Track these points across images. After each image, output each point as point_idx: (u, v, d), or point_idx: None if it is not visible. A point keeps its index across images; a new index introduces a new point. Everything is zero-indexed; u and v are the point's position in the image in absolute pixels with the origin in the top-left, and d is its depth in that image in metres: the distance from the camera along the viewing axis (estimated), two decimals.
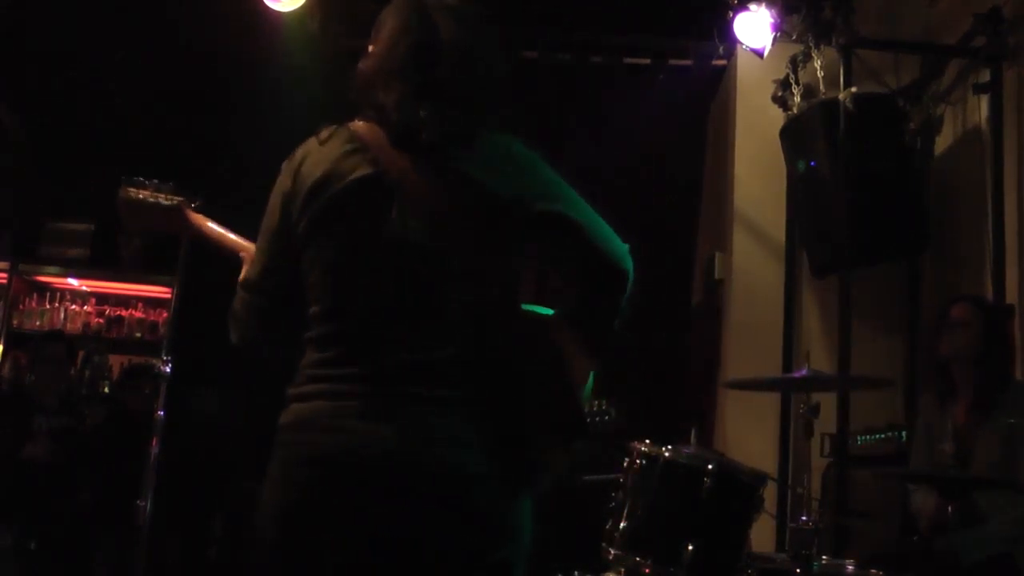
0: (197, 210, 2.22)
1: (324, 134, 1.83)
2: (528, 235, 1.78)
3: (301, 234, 1.77)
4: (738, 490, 2.82)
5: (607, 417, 3.48)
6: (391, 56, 1.84)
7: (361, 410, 1.66)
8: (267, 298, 1.86)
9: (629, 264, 1.80)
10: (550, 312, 1.83)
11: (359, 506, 1.64)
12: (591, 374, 1.83)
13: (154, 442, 2.52)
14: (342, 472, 1.65)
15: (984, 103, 4.18)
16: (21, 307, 6.28)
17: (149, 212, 2.20)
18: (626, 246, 1.81)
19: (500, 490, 1.69)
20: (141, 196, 2.21)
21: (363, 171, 1.74)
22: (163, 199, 2.20)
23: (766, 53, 4.54)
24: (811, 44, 4.45)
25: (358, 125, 1.82)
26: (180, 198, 2.21)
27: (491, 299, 1.75)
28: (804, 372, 3.16)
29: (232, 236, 2.18)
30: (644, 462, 2.84)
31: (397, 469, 1.64)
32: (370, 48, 1.91)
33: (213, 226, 2.20)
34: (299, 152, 1.85)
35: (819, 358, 4.20)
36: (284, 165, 1.86)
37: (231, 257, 2.13)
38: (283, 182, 1.83)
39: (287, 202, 1.80)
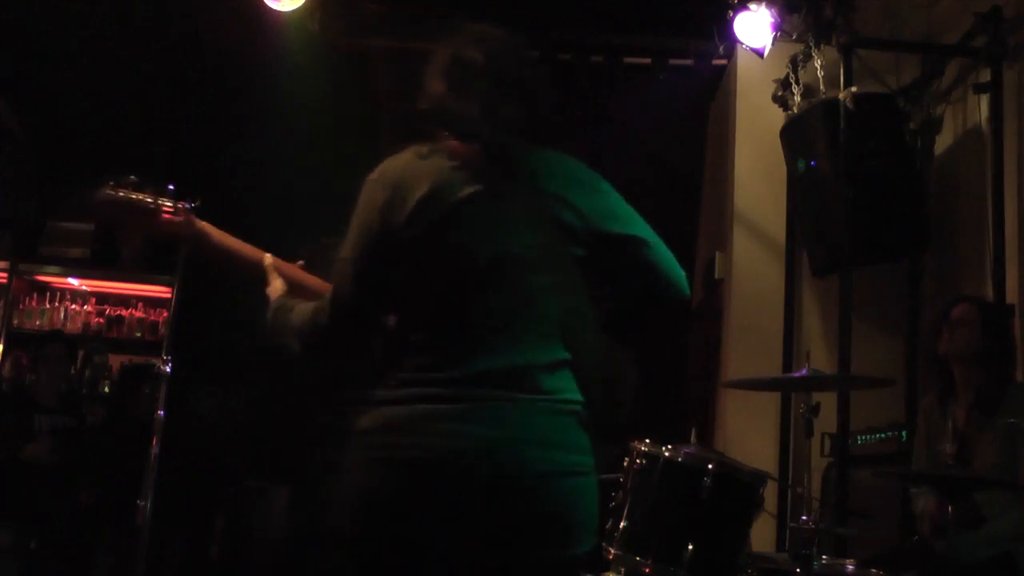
0: (194, 209, 2.21)
1: (424, 149, 1.87)
2: (600, 252, 1.87)
3: (404, 244, 1.79)
4: (738, 490, 2.82)
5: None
6: (463, 79, 1.91)
7: (461, 413, 1.71)
8: (360, 324, 1.88)
9: (688, 291, 1.94)
10: None
11: (460, 507, 1.68)
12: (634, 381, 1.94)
13: (154, 442, 2.52)
14: (443, 474, 1.68)
15: (984, 103, 4.18)
16: (21, 307, 6.28)
17: (131, 212, 2.18)
18: (683, 272, 1.93)
19: (594, 488, 1.78)
20: (131, 197, 2.18)
21: (472, 188, 1.80)
22: (147, 199, 2.17)
23: (766, 53, 4.54)
24: (811, 44, 4.45)
25: (452, 143, 1.88)
26: (178, 203, 2.19)
27: (578, 309, 1.84)
28: (804, 372, 3.15)
29: (243, 245, 2.20)
30: (644, 462, 2.84)
31: (498, 470, 1.69)
32: (426, 77, 1.97)
33: (221, 235, 2.21)
34: (393, 165, 1.87)
35: (819, 358, 4.20)
36: (377, 176, 1.86)
37: (236, 267, 2.16)
38: (377, 194, 1.83)
39: (386, 214, 1.81)
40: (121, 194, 2.17)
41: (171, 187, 2.20)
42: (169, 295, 5.93)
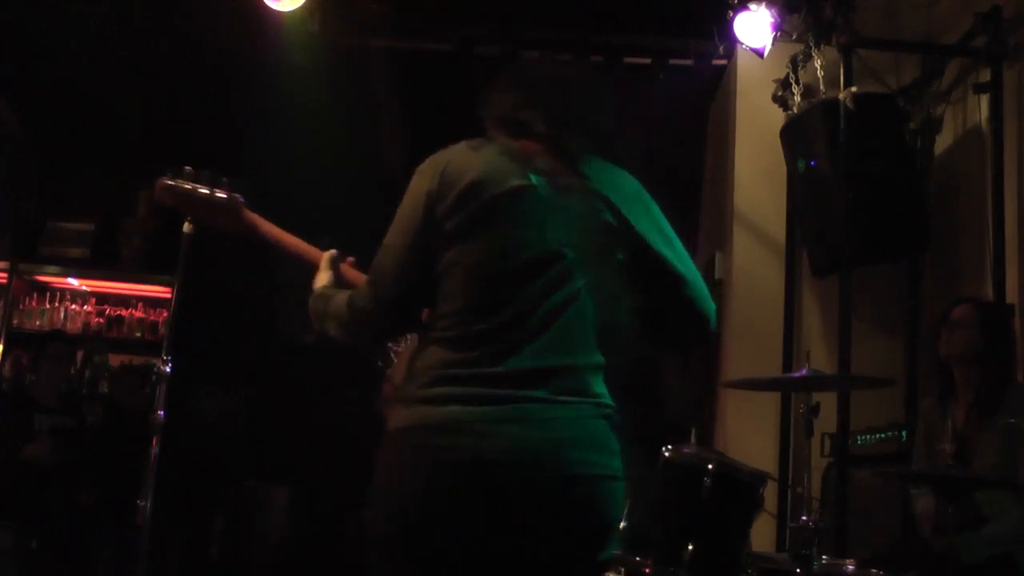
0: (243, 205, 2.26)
1: (475, 142, 1.89)
2: (637, 267, 1.88)
3: (448, 233, 1.79)
4: (738, 490, 2.83)
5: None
6: (531, 87, 1.97)
7: (501, 414, 1.70)
8: (400, 311, 1.87)
9: (715, 321, 1.94)
10: None
11: (499, 509, 1.68)
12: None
13: (154, 442, 2.51)
14: (484, 476, 1.68)
15: (984, 103, 4.18)
16: (21, 307, 6.29)
17: (198, 205, 2.24)
18: (714, 305, 1.95)
19: (623, 493, 1.80)
20: (188, 187, 2.24)
21: (519, 180, 1.81)
22: (218, 193, 2.24)
23: (766, 53, 4.53)
24: (811, 44, 4.45)
25: (506, 139, 1.90)
26: (233, 195, 2.25)
27: (616, 313, 1.85)
28: (804, 372, 3.15)
29: (291, 238, 2.24)
30: None
31: (539, 472, 1.69)
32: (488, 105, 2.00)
33: (271, 227, 2.26)
34: (443, 155, 1.87)
35: (819, 358, 4.20)
36: (425, 167, 1.87)
37: (290, 258, 2.21)
38: (424, 183, 1.84)
39: (432, 202, 1.81)
40: (187, 186, 2.24)
41: (225, 179, 2.26)
42: (169, 295, 5.93)
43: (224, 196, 2.25)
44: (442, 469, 1.68)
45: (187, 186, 2.25)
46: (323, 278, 2.11)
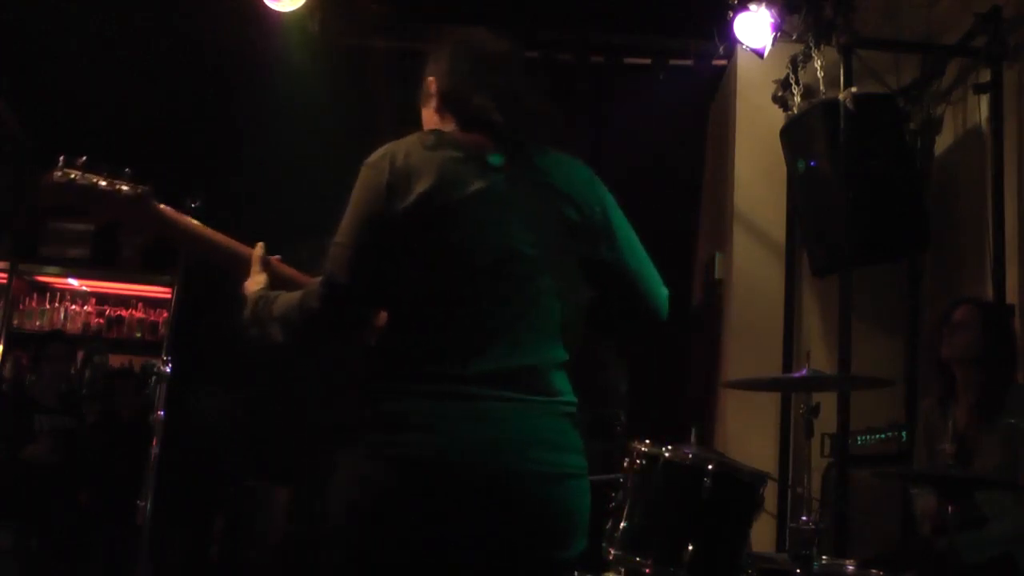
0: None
1: (429, 138, 1.84)
2: (592, 260, 1.88)
3: (407, 232, 1.75)
4: (738, 490, 2.82)
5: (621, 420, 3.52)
6: (475, 71, 1.92)
7: (465, 413, 1.70)
8: (357, 311, 1.81)
9: (666, 311, 1.95)
10: None
11: (461, 506, 1.68)
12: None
13: (154, 442, 2.52)
14: (447, 473, 1.67)
15: (984, 103, 4.18)
16: (21, 307, 6.29)
17: (98, 200, 1.98)
18: (666, 291, 1.95)
19: (587, 490, 1.80)
20: (85, 181, 1.97)
21: (477, 183, 1.78)
22: (121, 186, 1.98)
23: (766, 53, 4.53)
24: (811, 44, 4.45)
25: (459, 134, 1.86)
26: (139, 186, 2.00)
27: (574, 311, 1.84)
28: (804, 372, 3.15)
29: (215, 234, 2.07)
30: (644, 462, 2.84)
31: (502, 470, 1.69)
32: (434, 78, 1.98)
33: (191, 221, 2.06)
34: (397, 149, 1.81)
35: (819, 358, 4.20)
36: (378, 160, 1.80)
37: (210, 255, 2.05)
38: (380, 177, 1.77)
39: (392, 196, 1.75)
40: (73, 176, 1.97)
41: (127, 170, 2.02)
42: (169, 295, 5.94)
43: (128, 189, 2.00)
44: (400, 465, 1.68)
45: (83, 180, 1.97)
46: (259, 280, 2.00)
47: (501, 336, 1.75)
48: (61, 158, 1.99)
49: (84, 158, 1.99)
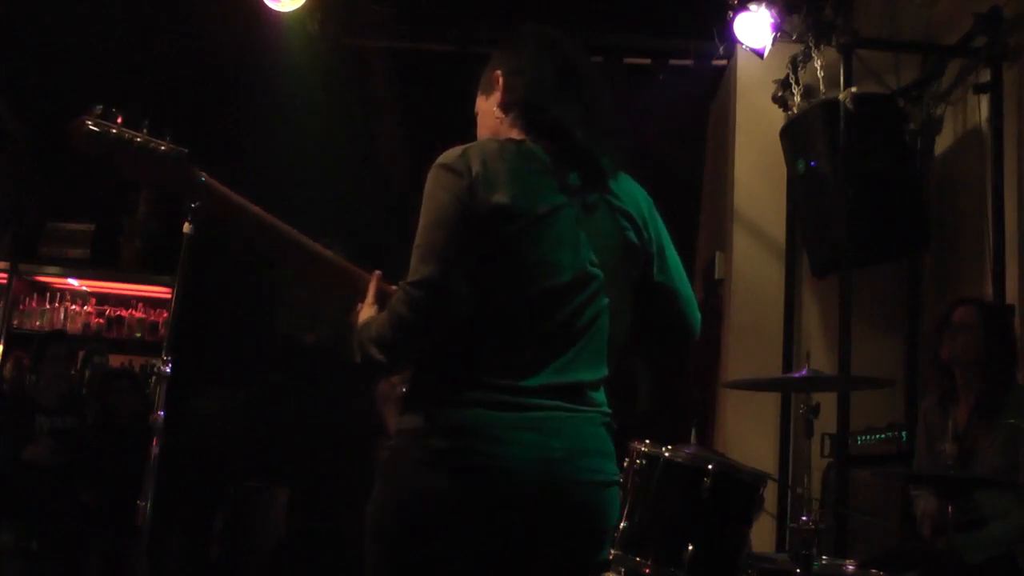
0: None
1: (509, 147, 1.82)
2: (643, 282, 1.93)
3: (481, 240, 1.73)
4: (738, 490, 2.82)
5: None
6: (559, 80, 1.90)
7: (525, 422, 1.72)
8: (449, 299, 1.73)
9: (699, 329, 2.02)
10: None
11: (515, 513, 1.71)
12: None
13: (154, 442, 2.50)
14: (502, 481, 1.70)
15: (984, 103, 4.18)
16: (21, 307, 6.29)
17: (135, 154, 1.88)
18: (699, 315, 2.02)
19: (618, 493, 1.87)
20: (122, 133, 1.86)
21: (552, 200, 1.79)
22: (158, 143, 1.89)
23: (766, 53, 4.53)
24: (811, 44, 4.45)
25: (534, 144, 1.84)
26: (175, 147, 1.93)
27: (622, 331, 1.89)
28: (804, 372, 3.15)
29: (260, 211, 2.02)
30: (644, 462, 2.84)
31: (556, 479, 1.73)
32: (505, 74, 1.94)
33: (227, 191, 2.00)
34: (470, 153, 1.77)
35: (819, 358, 4.20)
36: (450, 164, 1.75)
37: (251, 232, 2.01)
38: (458, 181, 1.73)
39: (465, 202, 1.72)
40: (114, 131, 1.88)
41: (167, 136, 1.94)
42: (169, 295, 5.93)
43: (167, 148, 1.93)
44: (465, 476, 1.69)
45: (119, 132, 1.88)
46: (370, 312, 1.92)
47: (560, 354, 1.78)
48: (98, 107, 1.89)
49: (115, 110, 1.91)
